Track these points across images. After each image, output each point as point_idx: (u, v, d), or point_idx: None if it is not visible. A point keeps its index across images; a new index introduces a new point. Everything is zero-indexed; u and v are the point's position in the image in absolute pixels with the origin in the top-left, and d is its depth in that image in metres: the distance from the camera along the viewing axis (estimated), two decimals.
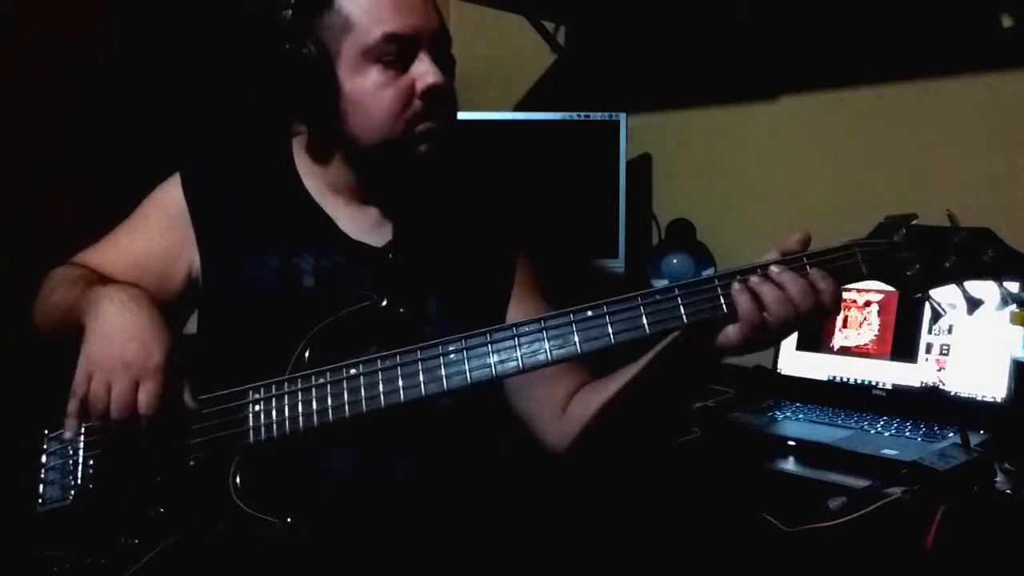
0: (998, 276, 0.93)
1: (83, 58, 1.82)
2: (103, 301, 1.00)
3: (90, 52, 1.83)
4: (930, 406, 1.49)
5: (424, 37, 1.07)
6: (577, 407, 1.14)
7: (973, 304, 0.94)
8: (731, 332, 0.93)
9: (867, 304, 1.61)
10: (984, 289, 0.94)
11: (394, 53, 1.06)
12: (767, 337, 0.92)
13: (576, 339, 0.94)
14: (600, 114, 1.93)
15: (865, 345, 1.60)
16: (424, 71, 1.07)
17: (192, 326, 1.19)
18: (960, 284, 0.94)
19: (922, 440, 1.37)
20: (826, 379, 1.64)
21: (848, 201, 1.80)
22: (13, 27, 1.71)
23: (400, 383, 0.97)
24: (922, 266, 0.93)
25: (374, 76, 1.07)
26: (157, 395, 0.97)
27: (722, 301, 0.93)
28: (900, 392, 1.55)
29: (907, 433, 1.41)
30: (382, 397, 0.97)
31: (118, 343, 0.97)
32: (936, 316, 0.96)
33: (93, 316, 0.99)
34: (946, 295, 0.95)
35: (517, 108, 2.26)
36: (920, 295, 0.95)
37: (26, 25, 1.73)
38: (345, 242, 1.14)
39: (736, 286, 0.92)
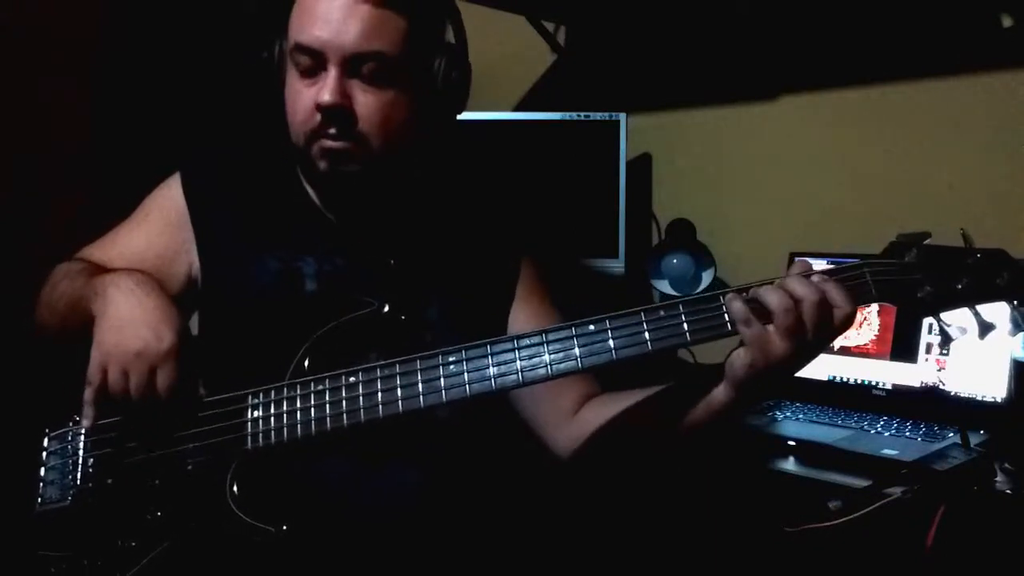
0: (1012, 299, 0.91)
1: (83, 58, 1.82)
2: (110, 288, 1.00)
3: (90, 52, 1.83)
4: (930, 406, 1.49)
5: (332, 53, 1.02)
6: (589, 416, 1.13)
7: (985, 328, 0.91)
8: (738, 360, 0.91)
9: (867, 304, 1.60)
10: (997, 312, 0.92)
11: (307, 63, 1.05)
12: (774, 361, 0.89)
13: (577, 353, 0.93)
14: (600, 114, 1.93)
15: (865, 345, 1.60)
16: (321, 87, 1.03)
17: (193, 328, 1.19)
18: (972, 307, 0.91)
19: (922, 440, 1.37)
20: (826, 379, 1.64)
21: (847, 201, 1.81)
22: (13, 27, 1.71)
23: (399, 393, 0.97)
24: (933, 288, 0.91)
25: (292, 81, 1.07)
26: (173, 378, 0.97)
27: (727, 318, 0.91)
28: (900, 392, 1.55)
29: (907, 433, 1.41)
30: (380, 407, 0.97)
31: (130, 330, 0.97)
32: (946, 340, 0.94)
33: (102, 304, 0.99)
34: (957, 318, 0.93)
35: (517, 108, 2.25)
36: (931, 317, 0.93)
37: (26, 25, 1.73)
38: (347, 245, 1.14)
39: (730, 295, 0.90)
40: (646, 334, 0.92)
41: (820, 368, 1.65)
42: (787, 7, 1.85)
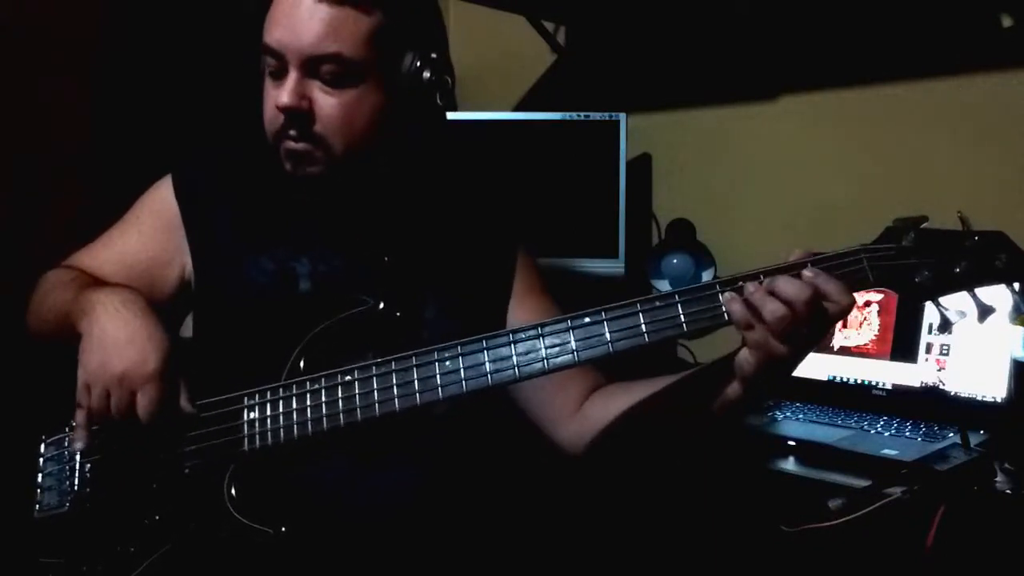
0: (1011, 282, 0.90)
1: (83, 58, 1.82)
2: (97, 307, 0.99)
3: (90, 52, 1.83)
4: (930, 406, 1.49)
5: (290, 55, 1.02)
6: (595, 410, 1.12)
7: (984, 312, 0.91)
8: (744, 362, 0.91)
9: (867, 304, 1.61)
10: (995, 295, 0.91)
11: (273, 65, 1.04)
12: (779, 359, 0.89)
13: (574, 346, 0.93)
14: (600, 114, 1.93)
15: (865, 345, 1.60)
16: (281, 88, 1.03)
17: (188, 329, 1.19)
18: (971, 291, 0.91)
19: (922, 440, 1.37)
20: (826, 379, 1.64)
21: (848, 201, 1.81)
22: (13, 27, 1.71)
23: (395, 391, 0.96)
24: (932, 272, 0.90)
25: (265, 82, 1.07)
26: (156, 401, 0.96)
27: (723, 308, 0.91)
28: (900, 392, 1.55)
29: (907, 433, 1.41)
30: (377, 406, 0.97)
31: (113, 351, 0.96)
32: (945, 324, 0.93)
33: (88, 323, 0.99)
34: (956, 302, 0.92)
35: (517, 108, 2.26)
36: (929, 302, 0.92)
37: (26, 25, 1.73)
38: (341, 244, 1.14)
39: (727, 295, 0.90)
40: (643, 325, 0.92)
41: (820, 368, 1.65)
42: (787, 7, 1.85)
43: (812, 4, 1.82)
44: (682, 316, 0.91)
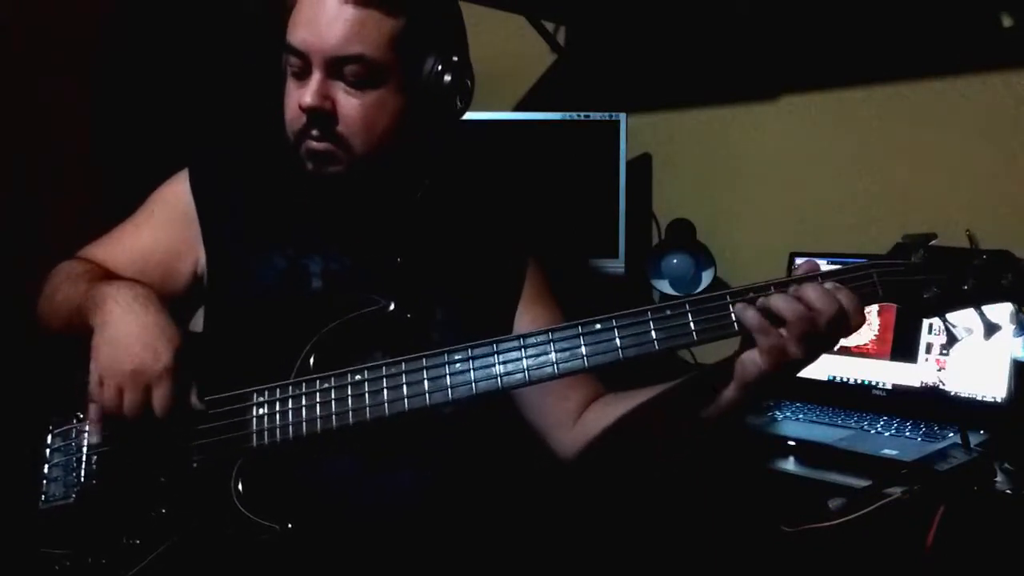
0: (1016, 301, 0.92)
1: (83, 58, 1.82)
2: (108, 302, 1.00)
3: (90, 52, 1.83)
4: (930, 406, 1.49)
5: (314, 55, 1.03)
6: (593, 418, 1.13)
7: (991, 329, 0.92)
8: (750, 364, 0.91)
9: (872, 304, 1.60)
10: (1001, 313, 0.92)
11: (297, 65, 1.05)
12: (788, 366, 0.90)
13: (583, 352, 0.93)
14: (600, 114, 1.93)
15: (865, 345, 1.60)
16: (304, 89, 1.04)
17: (198, 323, 1.19)
18: (978, 308, 0.92)
19: (922, 440, 1.37)
20: (826, 379, 1.64)
21: (848, 201, 1.81)
22: (13, 27, 1.71)
23: (405, 391, 0.97)
24: (940, 289, 0.91)
25: (287, 82, 1.08)
26: (169, 397, 0.97)
27: (733, 319, 0.91)
28: (900, 392, 1.55)
29: (907, 433, 1.41)
30: (386, 405, 0.97)
31: (125, 347, 0.97)
32: (952, 340, 0.94)
33: (100, 319, 0.99)
34: (962, 318, 0.93)
35: (517, 108, 2.26)
36: (936, 318, 0.93)
37: (26, 25, 1.73)
38: (354, 245, 1.14)
39: (740, 305, 0.90)
40: (652, 333, 0.92)
41: (820, 368, 1.64)
42: (787, 7, 1.85)
43: (812, 4, 1.82)
44: (692, 325, 0.92)
